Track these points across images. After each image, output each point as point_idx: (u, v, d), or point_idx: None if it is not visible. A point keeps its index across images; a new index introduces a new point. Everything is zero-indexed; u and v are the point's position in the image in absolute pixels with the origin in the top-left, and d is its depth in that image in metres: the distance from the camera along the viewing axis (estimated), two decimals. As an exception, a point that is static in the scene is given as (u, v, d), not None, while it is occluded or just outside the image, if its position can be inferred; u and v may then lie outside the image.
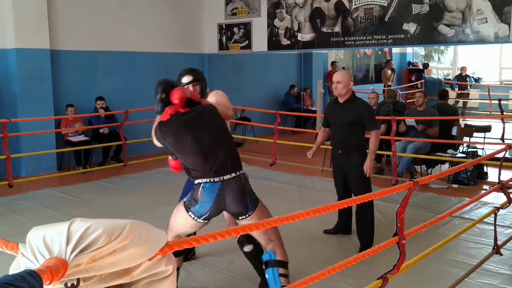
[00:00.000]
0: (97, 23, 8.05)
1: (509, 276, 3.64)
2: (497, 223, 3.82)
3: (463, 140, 7.26)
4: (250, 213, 2.89)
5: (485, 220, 4.14)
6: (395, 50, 15.42)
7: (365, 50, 14.10)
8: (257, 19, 8.77)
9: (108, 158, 7.82)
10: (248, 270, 3.70)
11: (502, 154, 4.03)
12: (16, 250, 1.29)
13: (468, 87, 13.55)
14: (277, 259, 2.95)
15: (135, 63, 8.68)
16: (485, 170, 6.66)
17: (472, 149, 7.17)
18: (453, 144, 6.93)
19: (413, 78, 14.61)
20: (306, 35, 8.21)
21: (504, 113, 7.86)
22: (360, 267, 3.47)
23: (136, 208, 5.42)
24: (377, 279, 2.46)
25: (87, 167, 7.34)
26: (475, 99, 13.79)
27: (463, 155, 6.65)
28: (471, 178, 6.35)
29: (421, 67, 15.06)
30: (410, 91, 12.73)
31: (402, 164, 6.56)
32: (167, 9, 9.09)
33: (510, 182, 4.03)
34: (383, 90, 12.69)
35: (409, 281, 3.44)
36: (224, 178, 2.83)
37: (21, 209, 5.44)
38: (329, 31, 7.88)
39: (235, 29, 9.09)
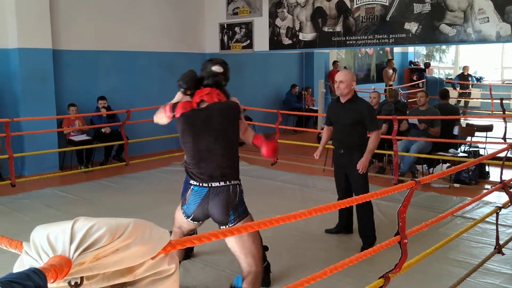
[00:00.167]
0: (99, 23, 8.06)
1: (511, 276, 3.65)
2: (499, 223, 3.82)
3: (465, 140, 7.25)
4: (231, 225, 2.79)
5: (487, 220, 4.13)
6: (397, 50, 15.40)
7: (367, 50, 14.09)
8: (259, 19, 8.77)
9: (110, 158, 7.82)
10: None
11: (504, 154, 4.02)
12: (20, 249, 1.29)
13: (470, 87, 13.53)
14: (242, 287, 2.82)
15: (137, 63, 8.68)
16: (487, 170, 6.65)
17: (474, 149, 7.16)
18: (455, 144, 6.92)
19: (415, 78, 14.59)
20: (308, 35, 8.21)
21: (506, 113, 7.85)
22: (362, 266, 3.48)
23: (138, 207, 5.43)
24: (379, 278, 2.47)
25: (89, 167, 7.35)
26: (477, 99, 13.77)
27: (465, 155, 6.65)
28: (473, 178, 6.34)
29: (423, 67, 15.05)
30: (412, 91, 12.72)
31: (406, 164, 6.56)
32: (169, 9, 9.10)
33: (512, 182, 4.03)
34: (385, 90, 12.68)
35: (411, 281, 3.44)
36: (212, 185, 2.80)
37: (24, 208, 5.45)
38: (331, 31, 7.88)
39: (237, 29, 9.09)
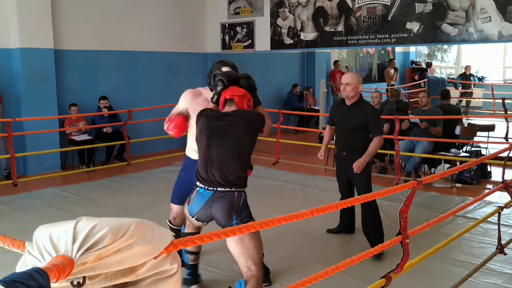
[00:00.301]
0: (101, 23, 8.07)
1: (513, 276, 3.64)
2: (501, 223, 3.81)
3: (467, 140, 7.24)
4: None
5: (489, 220, 4.12)
6: (398, 49, 15.38)
7: (368, 49, 14.08)
8: (260, 19, 8.77)
9: (112, 157, 7.83)
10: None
11: (506, 153, 4.02)
12: (23, 249, 1.29)
13: (472, 86, 13.52)
14: None
15: (138, 63, 8.69)
16: (489, 170, 6.65)
17: (476, 148, 7.15)
18: (457, 143, 6.91)
19: (416, 77, 14.57)
20: (309, 34, 8.20)
21: (508, 112, 7.82)
22: (364, 266, 3.48)
23: (140, 207, 5.44)
24: (381, 278, 2.47)
25: (91, 166, 7.36)
26: (479, 98, 13.75)
27: (467, 155, 6.64)
28: (475, 178, 6.33)
29: (424, 66, 15.04)
30: (413, 90, 12.71)
31: (411, 164, 6.55)
32: (170, 9, 9.10)
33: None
34: (386, 89, 12.68)
35: (413, 280, 3.44)
36: (218, 189, 2.84)
37: (25, 208, 5.46)
38: (332, 30, 7.87)
39: (238, 29, 9.09)
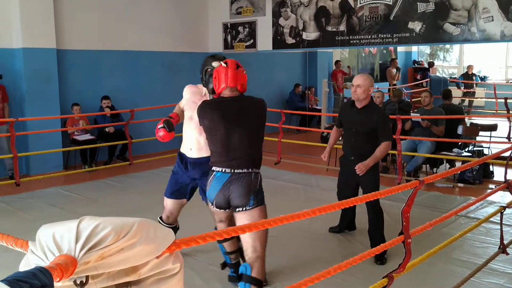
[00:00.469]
0: (103, 23, 8.08)
1: (515, 275, 3.64)
2: (503, 222, 3.81)
3: (469, 139, 7.23)
4: (249, 208, 2.92)
5: (491, 219, 4.12)
6: (400, 49, 15.36)
7: (370, 49, 14.07)
8: (262, 18, 8.77)
9: (114, 157, 7.85)
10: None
11: (508, 153, 4.02)
12: (26, 248, 1.30)
13: (474, 86, 13.49)
14: (252, 276, 2.88)
15: (140, 62, 8.70)
16: (491, 169, 6.64)
17: (478, 148, 7.14)
18: (459, 143, 6.90)
19: (419, 77, 14.55)
20: (311, 34, 8.20)
21: (510, 112, 7.81)
22: (366, 266, 3.49)
23: (142, 207, 5.45)
24: (383, 278, 2.47)
25: (93, 166, 7.37)
26: (481, 98, 13.72)
27: (469, 154, 6.63)
28: (477, 177, 6.33)
29: (427, 66, 15.01)
30: (416, 90, 12.69)
31: (411, 165, 6.54)
32: (172, 8, 9.11)
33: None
34: (388, 89, 12.66)
35: (415, 280, 3.44)
36: (235, 171, 2.93)
37: (28, 208, 5.47)
38: (334, 30, 7.87)
39: (240, 28, 9.09)
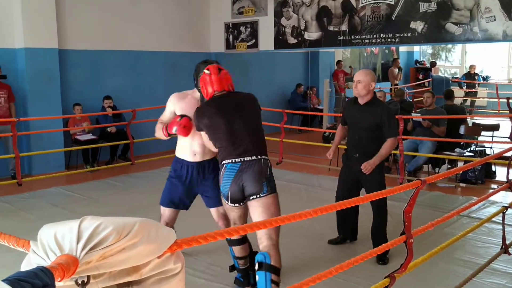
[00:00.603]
0: (105, 23, 8.09)
1: (517, 276, 3.63)
2: (506, 222, 3.80)
3: (471, 139, 7.21)
4: (263, 195, 2.95)
5: (493, 219, 4.11)
6: (402, 49, 15.35)
7: (372, 49, 14.06)
8: (264, 18, 8.77)
9: (116, 157, 7.85)
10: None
11: (511, 153, 4.00)
12: (27, 248, 1.30)
13: (476, 86, 13.47)
14: (272, 264, 2.88)
15: (142, 62, 8.70)
16: (493, 169, 6.62)
17: (480, 148, 7.12)
18: (461, 143, 6.89)
19: (421, 77, 14.53)
20: (313, 34, 8.20)
21: (513, 112, 7.80)
22: (368, 266, 3.48)
23: (144, 206, 5.44)
24: (385, 278, 2.47)
25: (95, 166, 7.38)
26: (483, 98, 13.70)
27: (471, 154, 6.62)
28: (479, 177, 6.31)
29: (429, 66, 14.99)
30: (418, 90, 12.68)
31: (412, 165, 6.53)
32: (174, 8, 9.11)
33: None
34: (390, 89, 12.65)
35: (417, 280, 3.44)
36: (245, 159, 2.98)
37: (30, 207, 5.48)
38: (336, 30, 7.86)
39: (242, 28, 9.09)
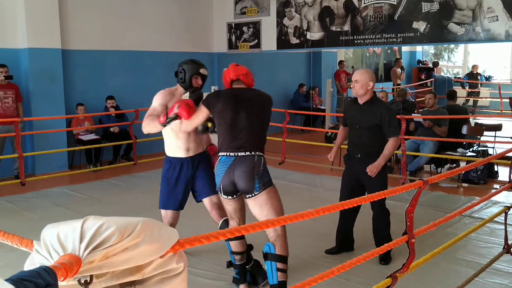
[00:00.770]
0: (108, 23, 8.11)
1: (520, 276, 3.63)
2: (508, 223, 3.79)
3: (474, 139, 7.20)
4: (257, 193, 3.03)
5: (496, 219, 4.11)
6: (405, 49, 15.31)
7: (374, 49, 14.04)
8: (266, 18, 8.78)
9: (119, 157, 7.87)
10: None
11: (513, 153, 4.00)
12: (31, 247, 1.31)
13: (479, 86, 13.44)
14: (276, 253, 3.01)
15: (145, 62, 8.72)
16: (496, 169, 6.61)
17: (483, 148, 7.11)
18: (464, 143, 6.88)
19: (423, 77, 14.50)
20: (315, 34, 8.20)
21: (515, 112, 7.78)
22: (370, 266, 3.49)
23: (146, 206, 5.45)
24: (386, 278, 2.47)
25: (98, 166, 7.40)
26: (486, 98, 13.66)
27: (474, 154, 6.61)
28: (481, 177, 6.30)
29: (431, 66, 14.96)
30: (420, 90, 12.65)
31: (414, 165, 6.52)
32: (177, 9, 9.12)
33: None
34: (393, 89, 12.64)
35: (419, 280, 3.44)
36: (238, 154, 3.05)
37: (33, 207, 5.50)
38: (338, 30, 7.86)
39: (244, 28, 9.10)
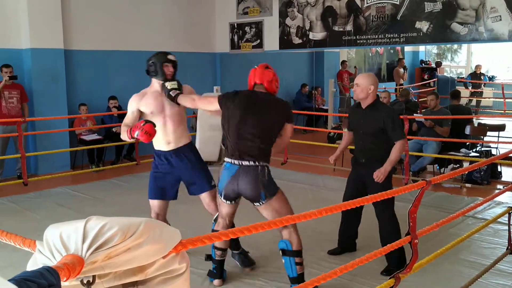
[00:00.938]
0: (110, 23, 8.12)
1: (523, 277, 3.61)
2: (511, 223, 3.78)
3: (477, 139, 7.18)
4: (264, 202, 3.10)
5: (499, 220, 4.10)
6: (408, 49, 15.29)
7: (377, 49, 14.02)
8: (269, 18, 8.77)
9: (121, 157, 7.88)
10: (259, 269, 3.73)
11: (516, 154, 3.99)
12: (33, 247, 1.31)
13: (482, 86, 13.40)
14: (294, 249, 3.13)
15: (148, 63, 8.72)
16: (499, 170, 6.60)
17: (486, 148, 7.09)
18: (467, 143, 6.86)
19: (426, 77, 14.47)
20: (318, 34, 8.19)
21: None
22: (372, 266, 3.48)
23: (149, 207, 5.42)
24: (389, 278, 2.47)
25: (100, 166, 7.40)
26: (489, 98, 13.63)
27: (477, 155, 6.59)
28: (485, 178, 6.29)
29: (434, 66, 14.93)
30: (423, 90, 12.63)
31: (417, 165, 6.50)
32: (179, 9, 9.13)
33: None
34: (395, 89, 12.62)
35: (422, 281, 3.43)
36: (243, 164, 3.08)
37: (36, 207, 5.51)
38: (341, 30, 7.85)
39: (247, 28, 9.10)
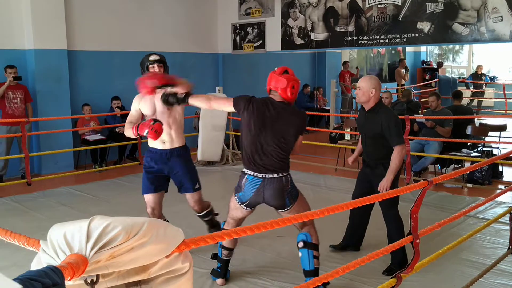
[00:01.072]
0: (113, 24, 8.15)
1: (525, 277, 3.62)
2: (513, 223, 3.79)
3: (478, 139, 7.18)
4: (289, 208, 3.19)
5: (500, 220, 4.10)
6: (409, 49, 15.27)
7: (379, 49, 14.02)
8: (271, 19, 8.79)
9: (124, 157, 7.90)
10: (260, 269, 3.74)
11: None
12: (38, 247, 1.32)
13: (484, 86, 13.38)
14: (313, 242, 3.22)
15: (150, 63, 8.73)
16: (500, 170, 6.59)
17: (487, 148, 7.09)
18: (468, 144, 6.86)
19: (427, 77, 14.45)
20: (320, 35, 8.20)
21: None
22: (374, 266, 3.49)
23: (151, 207, 5.47)
24: (391, 278, 2.48)
25: (103, 166, 7.43)
26: (491, 98, 13.61)
27: (478, 155, 6.59)
28: (486, 178, 6.28)
29: (436, 66, 14.91)
30: (424, 90, 12.62)
31: (419, 166, 6.51)
32: (182, 9, 9.15)
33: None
34: (397, 89, 12.61)
35: (423, 281, 3.44)
36: (266, 176, 3.10)
37: (39, 207, 5.53)
38: (343, 31, 7.86)
39: (249, 29, 9.11)
